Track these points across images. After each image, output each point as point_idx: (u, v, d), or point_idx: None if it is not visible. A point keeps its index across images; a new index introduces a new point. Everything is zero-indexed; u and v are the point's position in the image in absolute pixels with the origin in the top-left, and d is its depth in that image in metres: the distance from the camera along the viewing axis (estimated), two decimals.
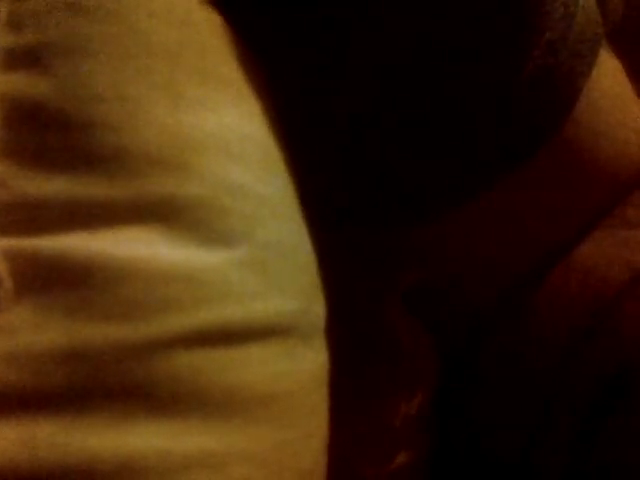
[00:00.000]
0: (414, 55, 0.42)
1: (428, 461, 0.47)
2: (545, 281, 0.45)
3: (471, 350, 0.47)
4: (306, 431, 0.35)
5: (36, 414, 0.28)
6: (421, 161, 0.43)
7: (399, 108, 0.42)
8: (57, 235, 0.30)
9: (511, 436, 0.45)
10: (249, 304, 0.34)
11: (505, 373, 0.46)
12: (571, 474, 0.42)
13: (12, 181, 0.30)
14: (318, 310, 0.38)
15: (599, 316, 0.42)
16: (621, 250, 0.44)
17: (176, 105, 0.33)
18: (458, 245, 0.46)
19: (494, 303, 0.46)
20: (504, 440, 0.46)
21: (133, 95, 0.32)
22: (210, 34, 0.36)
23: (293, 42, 0.41)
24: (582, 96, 0.44)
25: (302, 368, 0.36)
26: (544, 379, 0.43)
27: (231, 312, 0.33)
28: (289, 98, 0.39)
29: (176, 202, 0.32)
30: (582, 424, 0.42)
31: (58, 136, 0.31)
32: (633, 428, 0.40)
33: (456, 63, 0.42)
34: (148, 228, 0.32)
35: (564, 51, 0.43)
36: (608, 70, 0.47)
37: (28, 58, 0.31)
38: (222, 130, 0.35)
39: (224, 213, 0.34)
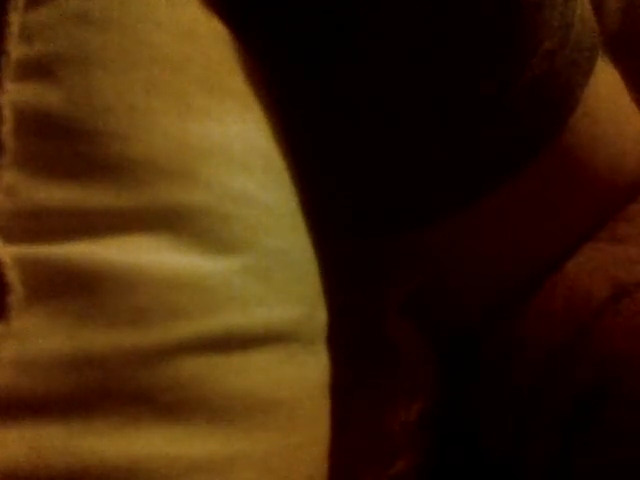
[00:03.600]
0: (415, 62, 0.42)
1: (427, 466, 0.48)
2: (537, 290, 0.46)
3: (469, 351, 0.48)
4: (309, 436, 0.36)
5: (45, 419, 0.29)
6: (425, 167, 0.44)
7: (402, 113, 0.43)
8: (66, 243, 0.30)
9: (504, 439, 0.45)
10: (252, 311, 0.34)
11: (497, 376, 0.46)
12: (553, 477, 0.43)
13: (23, 189, 0.30)
14: (320, 317, 0.38)
15: (580, 331, 0.43)
16: (606, 265, 0.45)
17: (183, 115, 0.34)
18: (459, 248, 0.46)
19: (493, 303, 0.47)
20: (498, 443, 0.46)
21: (141, 105, 0.33)
22: (216, 45, 0.37)
23: (296, 51, 0.42)
24: (580, 105, 0.45)
25: (304, 374, 0.36)
26: (527, 386, 0.44)
27: (234, 319, 0.33)
28: (293, 107, 0.40)
29: (182, 210, 0.33)
30: (560, 433, 0.42)
31: (67, 145, 0.31)
32: (606, 440, 0.41)
33: (456, 69, 0.42)
34: (154, 236, 0.32)
35: (561, 60, 0.43)
36: (606, 79, 0.47)
37: (39, 69, 0.32)
38: (228, 140, 0.35)
39: (229, 221, 0.34)
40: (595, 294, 0.44)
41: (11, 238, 0.30)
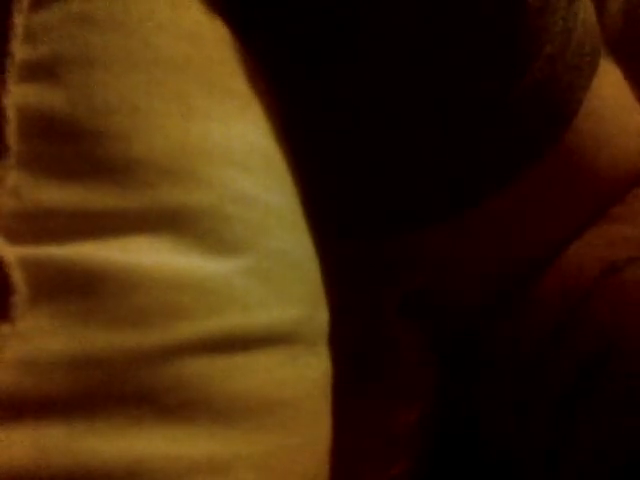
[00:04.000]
0: (416, 64, 0.42)
1: (427, 466, 0.48)
2: (537, 278, 0.46)
3: (469, 350, 0.48)
4: (310, 437, 0.36)
5: (47, 419, 0.29)
6: (426, 168, 0.44)
7: (404, 114, 0.43)
8: (70, 243, 0.30)
9: (505, 438, 0.46)
10: (254, 312, 0.34)
11: (497, 376, 0.46)
12: (552, 462, 0.43)
13: (26, 190, 0.30)
14: (322, 318, 0.38)
15: (572, 309, 0.43)
16: (598, 244, 0.45)
17: (185, 116, 0.34)
18: (460, 249, 0.46)
19: (494, 303, 0.47)
20: (498, 442, 0.46)
21: (143, 106, 0.33)
22: (217, 46, 0.37)
23: (297, 52, 0.42)
24: (582, 106, 0.45)
25: (306, 375, 0.36)
26: (526, 370, 0.44)
27: (236, 320, 0.33)
28: (294, 107, 0.40)
29: (184, 211, 0.33)
30: (558, 412, 0.42)
31: (71, 146, 0.31)
32: (603, 418, 0.41)
33: (457, 71, 0.42)
34: (157, 237, 0.32)
35: (563, 64, 0.43)
36: (609, 79, 0.47)
37: (42, 70, 0.32)
38: (229, 140, 0.35)
39: (230, 222, 0.34)
40: (585, 272, 0.44)
41: (15, 239, 0.30)
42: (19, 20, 0.32)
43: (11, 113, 0.31)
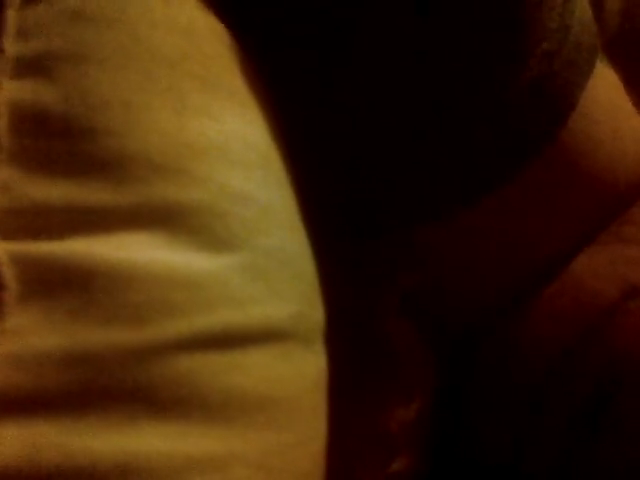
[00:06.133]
0: (413, 63, 0.42)
1: (426, 466, 0.48)
2: (541, 291, 0.46)
3: (468, 351, 0.48)
4: (306, 434, 0.36)
5: (39, 416, 0.29)
6: (422, 167, 0.44)
7: (400, 114, 0.43)
8: (61, 240, 0.30)
9: (503, 440, 0.45)
10: (249, 308, 0.34)
11: (496, 377, 0.46)
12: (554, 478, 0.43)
13: (18, 186, 0.30)
14: (317, 316, 0.38)
15: (589, 331, 0.43)
16: (614, 266, 0.45)
17: (179, 112, 0.34)
18: (458, 249, 0.46)
19: (492, 304, 0.47)
20: (497, 444, 0.46)
21: (137, 102, 0.33)
22: (212, 42, 0.37)
23: (293, 53, 0.42)
24: (578, 106, 0.45)
25: (301, 372, 0.36)
26: (530, 387, 0.44)
27: (231, 316, 0.33)
28: (290, 106, 0.40)
29: (178, 208, 0.33)
30: (568, 433, 0.42)
31: (63, 142, 0.31)
32: (616, 439, 0.41)
33: (454, 69, 0.42)
34: (150, 233, 0.32)
35: (560, 61, 0.43)
36: (605, 81, 0.47)
37: (35, 66, 0.32)
38: (224, 137, 0.35)
39: (225, 219, 0.34)
40: (603, 294, 0.44)
41: (6, 235, 0.30)
42: (11, 15, 0.32)
43: (3, 109, 0.31)
